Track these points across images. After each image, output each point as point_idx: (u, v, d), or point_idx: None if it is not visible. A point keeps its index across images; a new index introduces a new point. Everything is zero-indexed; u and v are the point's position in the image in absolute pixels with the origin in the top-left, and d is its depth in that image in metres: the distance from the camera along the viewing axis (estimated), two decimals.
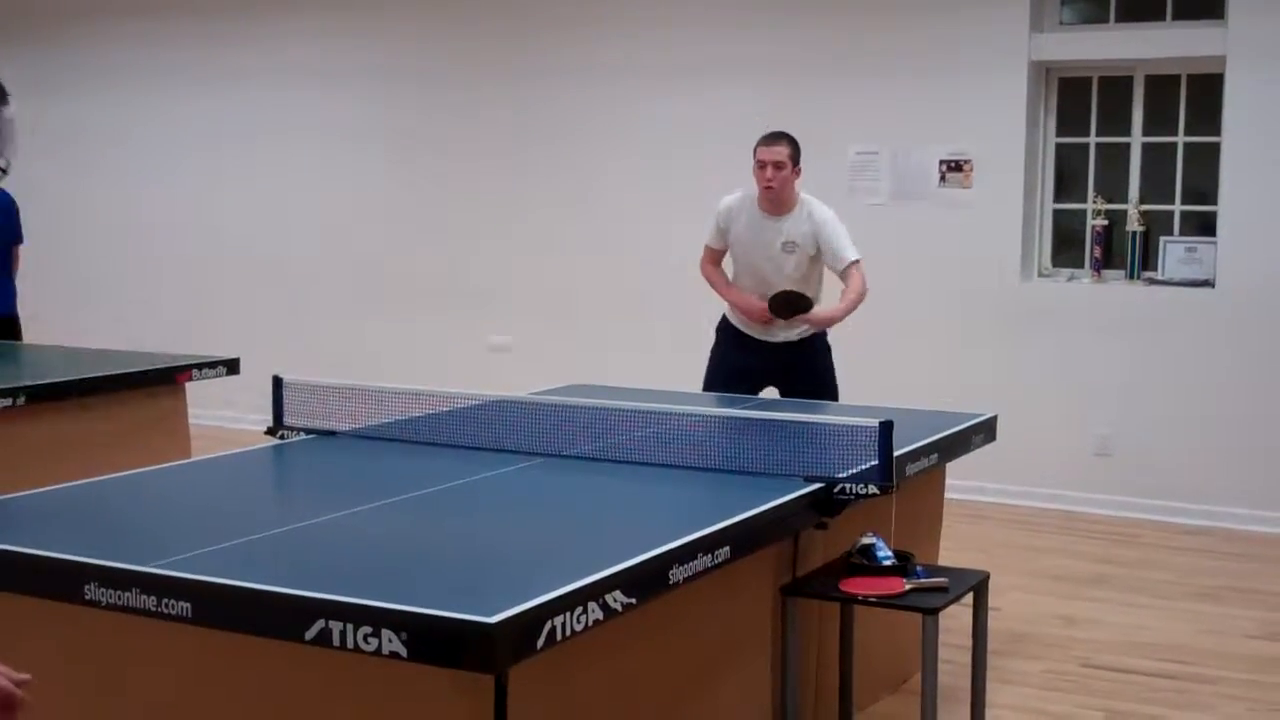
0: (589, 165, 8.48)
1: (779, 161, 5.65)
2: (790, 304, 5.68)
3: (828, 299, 5.87)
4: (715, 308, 6.12)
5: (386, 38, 9.06)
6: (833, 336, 5.96)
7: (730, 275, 5.99)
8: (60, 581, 2.97)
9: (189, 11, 9.65)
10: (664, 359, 6.95)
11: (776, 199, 5.72)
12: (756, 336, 5.92)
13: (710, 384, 5.98)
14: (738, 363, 5.94)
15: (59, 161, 9.94)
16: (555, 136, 8.56)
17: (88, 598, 2.91)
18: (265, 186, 9.53)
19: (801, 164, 5.74)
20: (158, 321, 9.64)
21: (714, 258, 5.99)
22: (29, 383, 5.61)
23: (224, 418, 8.50)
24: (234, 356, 6.43)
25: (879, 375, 6.77)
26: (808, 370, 5.88)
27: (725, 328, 6.06)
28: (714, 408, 5.20)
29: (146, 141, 9.96)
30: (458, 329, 8.86)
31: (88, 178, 10.14)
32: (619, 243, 8.35)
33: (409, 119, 9.06)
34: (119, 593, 2.87)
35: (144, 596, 2.84)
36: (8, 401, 5.39)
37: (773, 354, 5.89)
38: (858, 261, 5.69)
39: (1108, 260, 7.45)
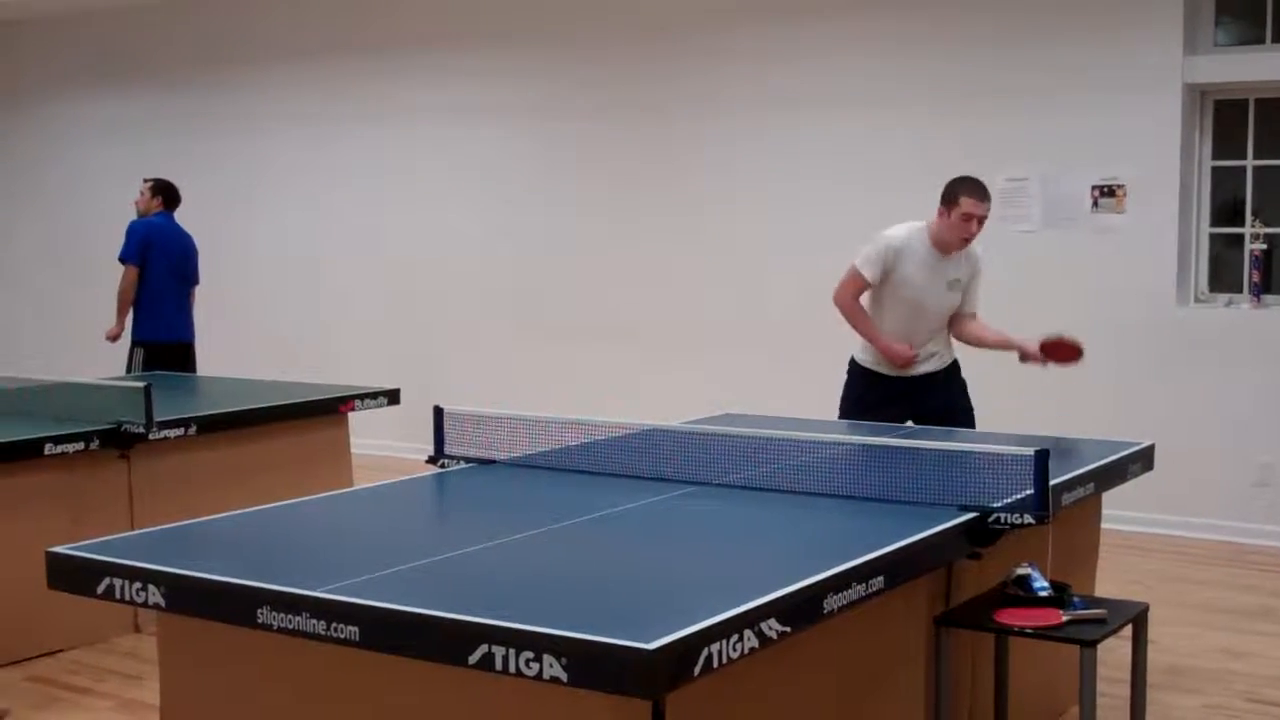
0: (746, 199, 8.51)
1: (985, 218, 5.61)
2: (1063, 352, 5.62)
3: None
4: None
5: (548, 74, 9.22)
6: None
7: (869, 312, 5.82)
8: (235, 606, 3.06)
9: (351, 52, 9.95)
10: (812, 389, 6.93)
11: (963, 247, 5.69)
12: (891, 374, 5.81)
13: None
14: (876, 403, 5.77)
15: (226, 196, 10.29)
16: (715, 170, 8.61)
17: (260, 621, 3.00)
18: (426, 221, 9.75)
19: None
20: (319, 351, 9.91)
21: (862, 290, 5.74)
22: (200, 413, 5.84)
23: (384, 446, 8.70)
24: (394, 387, 6.61)
25: (1032, 403, 6.69)
26: (950, 398, 5.82)
27: (855, 369, 5.89)
28: (866, 436, 5.19)
29: (306, 176, 10.27)
30: (607, 358, 8.96)
31: (250, 212, 10.49)
32: (774, 275, 8.36)
33: (567, 153, 9.19)
34: (290, 617, 2.95)
35: (313, 621, 2.91)
36: (179, 431, 5.61)
37: (910, 387, 5.79)
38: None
39: (1267, 285, 7.29)
